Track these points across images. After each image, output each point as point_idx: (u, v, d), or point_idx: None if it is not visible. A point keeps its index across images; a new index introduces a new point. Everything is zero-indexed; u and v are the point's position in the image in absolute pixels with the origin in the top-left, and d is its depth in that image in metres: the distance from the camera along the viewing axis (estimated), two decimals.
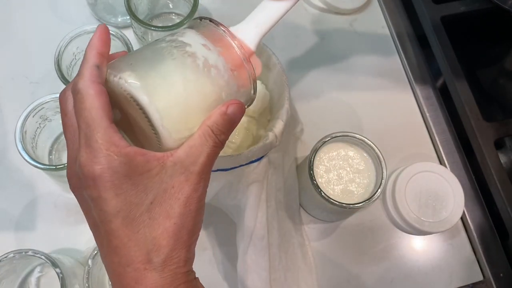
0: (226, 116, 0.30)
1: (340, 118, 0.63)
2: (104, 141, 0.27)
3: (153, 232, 0.28)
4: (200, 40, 0.32)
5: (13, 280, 0.51)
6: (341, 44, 0.68)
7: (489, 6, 0.60)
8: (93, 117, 0.27)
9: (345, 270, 0.56)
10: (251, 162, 0.43)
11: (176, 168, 0.28)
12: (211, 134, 0.30)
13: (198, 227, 0.30)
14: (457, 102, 0.61)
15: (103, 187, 0.27)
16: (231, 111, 0.31)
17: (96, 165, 0.27)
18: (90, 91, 0.28)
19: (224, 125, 0.30)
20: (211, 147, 0.30)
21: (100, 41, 0.31)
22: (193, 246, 0.30)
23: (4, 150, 0.58)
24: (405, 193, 0.56)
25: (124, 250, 0.28)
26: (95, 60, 0.29)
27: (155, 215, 0.28)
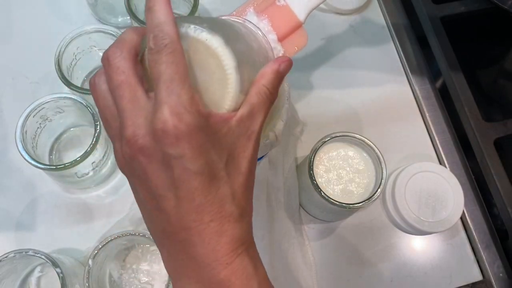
0: (279, 73, 0.31)
1: (340, 118, 0.63)
2: (189, 99, 0.26)
3: (232, 187, 0.29)
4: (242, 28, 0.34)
5: (13, 280, 0.51)
6: (341, 44, 0.68)
7: (489, 6, 0.60)
8: (180, 72, 0.27)
9: (345, 270, 0.56)
10: None
11: (240, 128, 0.29)
12: (267, 92, 0.30)
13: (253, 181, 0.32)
14: (457, 102, 0.61)
15: (189, 145, 0.26)
16: (283, 69, 0.31)
17: (182, 123, 0.26)
18: (179, 47, 0.27)
19: (277, 83, 0.31)
20: (267, 106, 0.31)
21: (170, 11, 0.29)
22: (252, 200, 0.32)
23: (5, 150, 0.58)
24: (405, 193, 0.56)
25: (207, 207, 0.28)
26: (173, 17, 0.28)
27: (230, 172, 0.29)
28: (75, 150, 0.58)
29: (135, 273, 0.53)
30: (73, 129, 0.58)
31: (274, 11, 0.35)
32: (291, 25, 0.36)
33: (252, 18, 0.36)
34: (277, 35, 0.36)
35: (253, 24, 0.35)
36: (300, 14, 0.36)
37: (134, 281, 0.53)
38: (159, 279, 0.53)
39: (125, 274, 0.53)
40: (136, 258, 0.53)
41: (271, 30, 0.36)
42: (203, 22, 0.30)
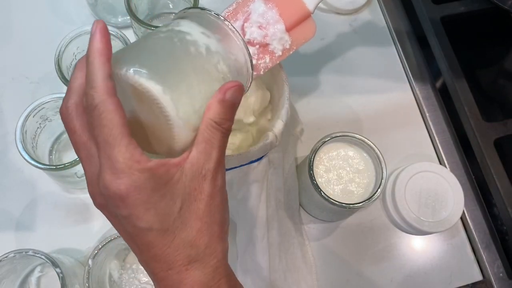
0: (225, 102, 0.29)
1: (340, 118, 0.63)
2: (126, 159, 0.27)
3: (188, 235, 0.29)
4: (197, 28, 0.31)
5: (13, 280, 0.51)
6: (341, 44, 0.68)
7: (489, 6, 0.60)
8: (113, 134, 0.27)
9: (345, 270, 0.56)
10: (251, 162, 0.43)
11: (193, 170, 0.29)
12: (215, 126, 0.29)
13: (226, 217, 0.31)
14: (457, 102, 0.61)
15: (132, 205, 0.27)
16: (229, 97, 0.29)
17: (121, 186, 0.27)
18: (109, 106, 0.27)
19: (226, 112, 0.29)
20: (219, 139, 0.29)
21: (104, 43, 0.28)
22: (226, 236, 0.31)
23: (5, 150, 0.58)
24: (405, 193, 0.56)
25: (164, 257, 0.29)
26: (106, 69, 0.27)
27: (186, 219, 0.29)
28: None
29: (135, 273, 0.53)
30: None
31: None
32: (300, 15, 0.35)
33: (259, 6, 0.35)
34: (285, 25, 0.34)
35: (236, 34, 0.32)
36: (310, 4, 0.34)
37: (134, 281, 0.53)
38: None
39: (125, 274, 0.53)
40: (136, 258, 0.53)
41: (279, 20, 0.35)
42: (147, 59, 0.29)
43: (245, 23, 0.35)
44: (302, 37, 0.35)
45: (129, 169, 0.27)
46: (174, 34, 0.31)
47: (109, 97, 0.27)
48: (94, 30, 0.28)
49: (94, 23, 0.28)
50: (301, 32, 0.35)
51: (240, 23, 0.36)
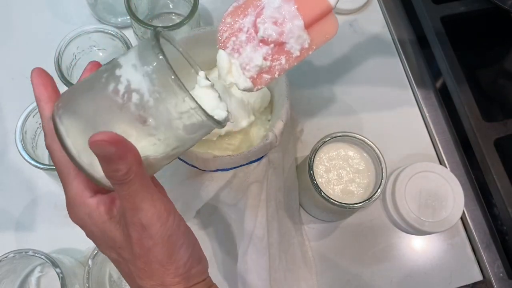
0: (98, 157, 0.27)
1: (340, 118, 0.63)
2: (71, 195, 0.31)
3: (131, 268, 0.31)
4: (132, 59, 0.28)
5: (13, 280, 0.51)
6: (341, 44, 0.68)
7: (489, 6, 0.60)
8: (62, 171, 0.31)
9: (345, 270, 0.56)
10: (251, 162, 0.43)
11: (123, 219, 0.30)
12: (112, 182, 0.29)
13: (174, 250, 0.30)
14: (457, 102, 0.61)
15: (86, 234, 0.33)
16: (96, 151, 0.27)
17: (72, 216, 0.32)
18: (55, 147, 0.30)
19: (104, 166, 0.28)
20: (121, 191, 0.29)
21: (41, 89, 0.31)
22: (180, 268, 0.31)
23: (4, 150, 0.58)
24: (405, 193, 0.56)
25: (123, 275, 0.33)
26: (47, 113, 0.31)
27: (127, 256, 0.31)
28: None
29: None
30: None
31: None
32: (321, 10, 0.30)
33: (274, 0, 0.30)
34: (304, 21, 0.30)
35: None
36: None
37: None
38: None
39: None
40: None
41: (297, 15, 0.30)
42: (67, 100, 0.30)
43: (257, 18, 0.31)
44: (323, 35, 0.31)
45: (73, 203, 0.31)
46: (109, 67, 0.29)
47: (52, 139, 0.30)
48: (31, 77, 0.32)
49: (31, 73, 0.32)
50: (321, 30, 0.31)
51: (252, 19, 0.31)
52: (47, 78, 0.32)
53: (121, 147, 0.27)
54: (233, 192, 0.46)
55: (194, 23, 0.58)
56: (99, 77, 0.29)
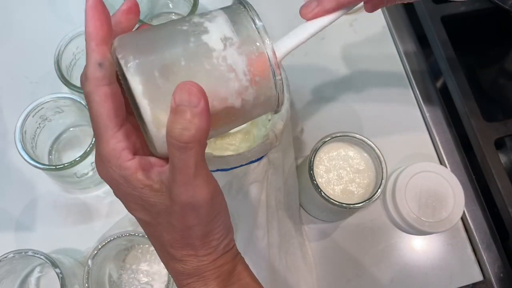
0: (175, 109, 0.25)
1: (340, 118, 0.63)
2: (106, 154, 0.27)
3: (165, 235, 0.30)
4: (227, 31, 0.28)
5: (13, 280, 0.51)
6: (341, 44, 0.68)
7: (489, 6, 0.60)
8: (99, 126, 0.27)
9: (345, 270, 0.56)
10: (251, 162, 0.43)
11: (167, 189, 0.28)
12: (171, 141, 0.25)
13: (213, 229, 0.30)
14: (457, 102, 0.61)
15: (116, 192, 0.29)
16: (177, 100, 0.25)
17: (101, 174, 0.29)
18: (96, 97, 0.27)
19: (175, 121, 0.25)
20: (179, 157, 0.26)
21: (96, 25, 0.27)
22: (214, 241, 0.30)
23: (4, 150, 0.58)
24: (405, 193, 0.56)
25: (152, 239, 0.31)
26: (96, 57, 0.27)
27: (163, 222, 0.29)
28: (74, 150, 0.57)
29: (134, 273, 0.53)
30: (73, 129, 0.58)
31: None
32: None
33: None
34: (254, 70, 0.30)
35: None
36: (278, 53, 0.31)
37: (133, 281, 0.52)
38: (158, 279, 0.52)
39: (124, 274, 0.53)
40: (136, 258, 0.53)
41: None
42: (145, 51, 0.27)
43: None
44: None
45: (108, 163, 0.28)
46: (195, 30, 0.28)
47: (96, 88, 0.27)
48: (85, 9, 0.27)
49: (87, 3, 0.27)
50: None
51: None
52: (105, 13, 0.28)
53: (205, 105, 0.25)
54: (233, 192, 0.46)
55: None
56: (184, 39, 0.27)
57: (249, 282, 0.33)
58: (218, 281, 0.31)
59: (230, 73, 0.27)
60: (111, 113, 0.27)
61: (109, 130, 0.27)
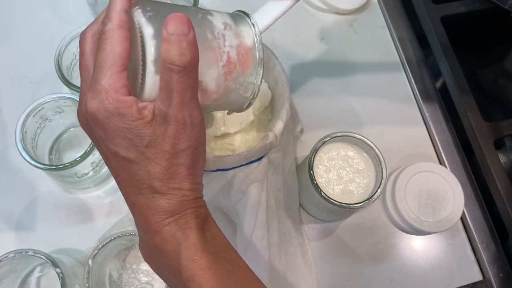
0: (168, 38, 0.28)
1: (340, 118, 0.63)
2: (106, 85, 0.29)
3: (152, 169, 0.30)
4: (228, 20, 0.34)
5: (13, 280, 0.51)
6: (341, 44, 0.68)
7: (489, 6, 0.60)
8: (107, 59, 0.29)
9: (345, 270, 0.56)
10: (251, 162, 0.43)
11: (161, 116, 0.30)
12: (168, 66, 0.28)
13: (198, 159, 0.31)
14: (457, 102, 0.61)
15: (103, 128, 0.30)
16: (170, 30, 0.28)
17: (94, 106, 0.29)
18: (116, 35, 0.29)
19: (172, 47, 0.28)
20: (176, 80, 0.28)
21: None
22: (196, 177, 0.32)
23: (5, 150, 0.58)
24: (405, 193, 0.56)
25: (132, 182, 0.31)
26: (124, 4, 0.30)
27: (152, 156, 0.30)
28: (75, 150, 0.58)
29: (135, 273, 0.53)
30: (73, 129, 0.58)
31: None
32: None
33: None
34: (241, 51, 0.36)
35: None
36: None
37: (134, 281, 0.53)
38: (158, 279, 0.52)
39: (125, 274, 0.53)
40: (136, 258, 0.53)
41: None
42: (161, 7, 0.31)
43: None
44: None
45: (106, 93, 0.29)
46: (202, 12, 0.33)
47: (119, 28, 0.29)
48: None
49: None
50: None
51: None
52: None
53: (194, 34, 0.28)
54: (233, 192, 0.46)
55: None
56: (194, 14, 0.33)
57: (218, 232, 0.34)
58: (197, 221, 0.31)
59: (225, 47, 0.33)
60: (124, 53, 0.29)
61: (116, 65, 0.29)
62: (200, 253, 0.31)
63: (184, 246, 0.31)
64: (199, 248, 0.31)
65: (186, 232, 0.31)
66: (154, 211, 0.31)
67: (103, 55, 0.29)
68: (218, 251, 0.32)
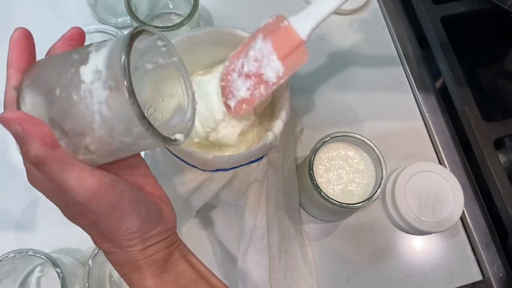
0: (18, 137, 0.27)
1: (340, 118, 0.63)
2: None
3: (88, 231, 0.32)
4: (100, 63, 0.27)
5: (13, 280, 0.51)
6: (341, 44, 0.68)
7: (489, 6, 0.60)
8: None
9: (345, 270, 0.56)
10: (251, 162, 0.43)
11: None
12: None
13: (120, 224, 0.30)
14: (457, 102, 0.61)
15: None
16: (4, 125, 0.27)
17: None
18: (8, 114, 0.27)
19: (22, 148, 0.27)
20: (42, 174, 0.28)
21: (15, 56, 0.31)
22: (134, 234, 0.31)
23: (5, 150, 0.58)
24: (404, 193, 0.56)
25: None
26: (12, 82, 0.30)
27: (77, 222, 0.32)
28: None
29: None
30: None
31: (278, 32, 0.37)
32: (292, 44, 0.38)
33: (257, 43, 0.38)
34: (278, 55, 0.37)
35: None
36: (302, 33, 0.37)
37: None
38: None
39: None
40: None
41: (272, 51, 0.38)
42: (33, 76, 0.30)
43: (244, 59, 0.39)
44: (295, 64, 0.39)
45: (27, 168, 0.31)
46: (79, 60, 0.29)
47: (13, 106, 0.29)
48: (11, 39, 0.31)
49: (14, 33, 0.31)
50: (294, 60, 0.38)
51: (242, 60, 0.40)
52: (27, 46, 0.31)
53: (31, 128, 0.26)
54: (233, 192, 0.46)
55: (194, 23, 0.58)
56: (66, 69, 0.29)
57: (186, 267, 0.34)
58: (152, 269, 0.32)
59: (93, 106, 0.27)
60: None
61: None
62: None
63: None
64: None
65: (141, 282, 0.32)
66: (112, 263, 0.33)
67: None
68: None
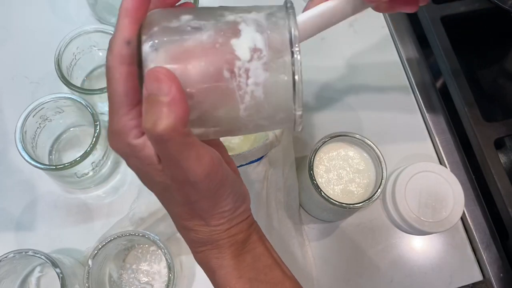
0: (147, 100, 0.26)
1: (340, 118, 0.63)
2: (117, 129, 0.28)
3: (174, 209, 0.31)
4: (259, 41, 0.26)
5: (13, 280, 0.51)
6: (341, 44, 0.68)
7: (489, 6, 0.60)
8: (114, 101, 0.27)
9: (345, 270, 0.56)
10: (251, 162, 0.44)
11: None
12: (148, 136, 0.27)
13: (220, 200, 0.30)
14: (457, 102, 0.61)
15: (129, 164, 0.30)
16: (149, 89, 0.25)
17: (113, 146, 0.29)
18: (116, 74, 0.27)
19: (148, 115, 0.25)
20: (157, 148, 0.27)
21: (135, 4, 0.26)
22: (225, 213, 0.31)
23: (4, 150, 0.58)
24: (405, 193, 0.56)
25: (170, 215, 0.33)
26: (125, 34, 0.26)
27: (167, 200, 0.31)
28: (74, 150, 0.58)
29: (134, 273, 0.53)
30: (73, 129, 0.58)
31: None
32: None
33: None
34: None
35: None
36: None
37: (134, 281, 0.53)
38: (158, 279, 0.53)
39: (125, 274, 0.53)
40: (136, 258, 0.53)
41: None
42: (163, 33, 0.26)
43: None
44: None
45: (118, 138, 0.28)
46: (226, 28, 0.26)
47: (119, 64, 0.27)
48: None
49: None
50: None
51: None
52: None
53: (177, 93, 0.24)
54: None
55: None
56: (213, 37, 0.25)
57: (263, 251, 0.34)
58: (232, 249, 0.32)
59: (247, 87, 0.25)
60: (128, 92, 0.27)
61: (123, 107, 0.27)
62: (235, 281, 0.32)
63: (218, 274, 0.32)
64: (234, 275, 0.32)
65: (219, 262, 0.32)
66: (188, 240, 0.33)
67: (110, 97, 0.28)
68: (258, 275, 0.33)
